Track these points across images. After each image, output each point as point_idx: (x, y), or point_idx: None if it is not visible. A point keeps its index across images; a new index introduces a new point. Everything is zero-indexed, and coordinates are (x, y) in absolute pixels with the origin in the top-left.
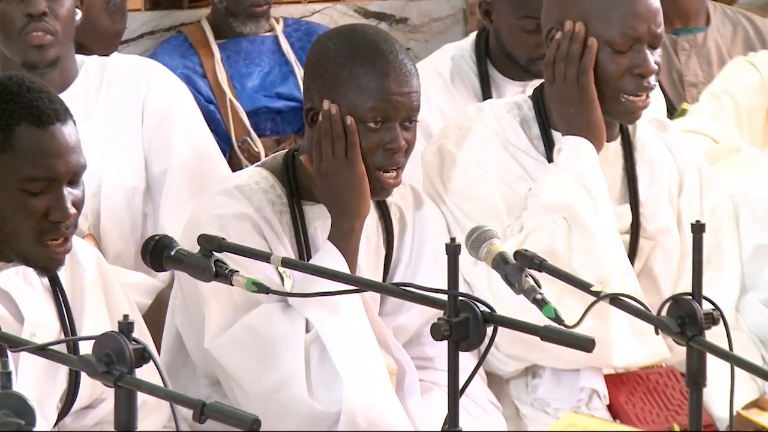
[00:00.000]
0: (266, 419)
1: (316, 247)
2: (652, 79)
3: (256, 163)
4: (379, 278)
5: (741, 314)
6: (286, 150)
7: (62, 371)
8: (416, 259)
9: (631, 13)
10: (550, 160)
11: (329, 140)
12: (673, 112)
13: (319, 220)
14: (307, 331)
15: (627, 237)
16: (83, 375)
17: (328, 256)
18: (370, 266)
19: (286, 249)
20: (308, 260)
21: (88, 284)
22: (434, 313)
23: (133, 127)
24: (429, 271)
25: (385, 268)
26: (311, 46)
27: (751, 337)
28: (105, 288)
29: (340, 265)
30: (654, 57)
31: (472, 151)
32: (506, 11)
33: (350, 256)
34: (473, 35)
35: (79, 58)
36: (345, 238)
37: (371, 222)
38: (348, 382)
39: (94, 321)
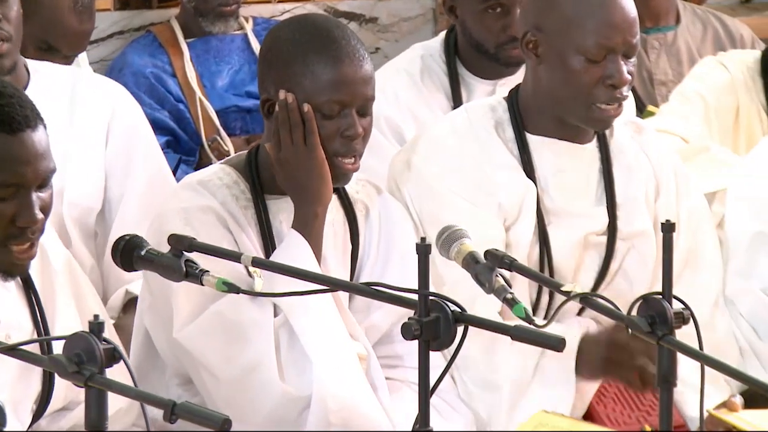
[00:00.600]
0: (238, 404)
1: (281, 241)
2: (625, 90)
3: (219, 162)
4: (346, 274)
5: (735, 302)
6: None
7: (36, 373)
8: (384, 256)
9: (608, 23)
10: (524, 163)
11: (287, 129)
12: (642, 109)
13: (283, 213)
14: (276, 315)
15: (603, 239)
16: (58, 377)
17: (293, 244)
18: (337, 262)
19: (251, 243)
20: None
21: (59, 285)
22: (405, 312)
23: (96, 148)
24: (398, 270)
25: (353, 264)
26: (264, 38)
27: (727, 338)
28: (75, 289)
29: (305, 252)
30: (628, 66)
31: (442, 171)
32: (469, 1)
33: (315, 242)
34: (442, 34)
35: (31, 64)
36: (309, 225)
37: (337, 218)
38: (318, 365)
39: (66, 322)
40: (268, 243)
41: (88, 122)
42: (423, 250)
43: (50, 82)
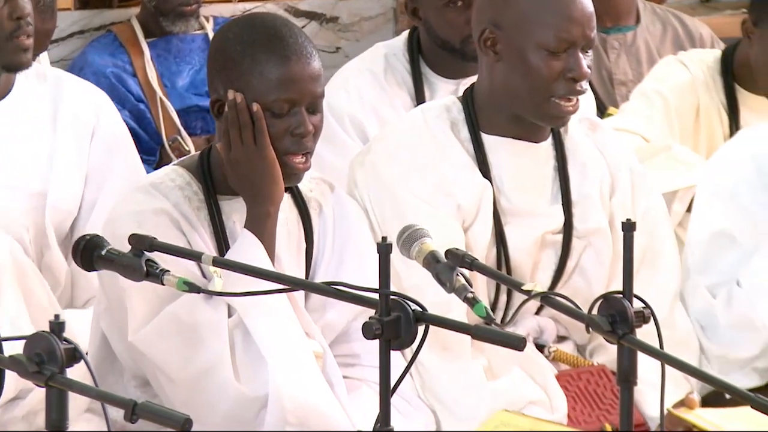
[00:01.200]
0: (194, 406)
1: (234, 241)
2: (584, 83)
3: (172, 162)
4: (301, 273)
5: (686, 299)
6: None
7: None
8: (339, 254)
9: (567, 16)
10: (480, 163)
11: (237, 129)
12: (602, 110)
13: (236, 214)
14: (230, 316)
15: (560, 237)
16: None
17: (246, 244)
18: (291, 261)
19: (205, 244)
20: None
21: (5, 279)
22: (361, 310)
23: (80, 153)
24: (354, 268)
25: (307, 263)
26: (212, 38)
27: (687, 335)
28: (23, 284)
29: (258, 252)
30: (586, 60)
31: (400, 172)
32: None
33: (268, 241)
34: (405, 34)
35: None
36: (261, 224)
37: (291, 217)
38: (273, 365)
39: (10, 316)
40: (222, 244)
41: (72, 127)
42: (384, 249)
43: (35, 85)
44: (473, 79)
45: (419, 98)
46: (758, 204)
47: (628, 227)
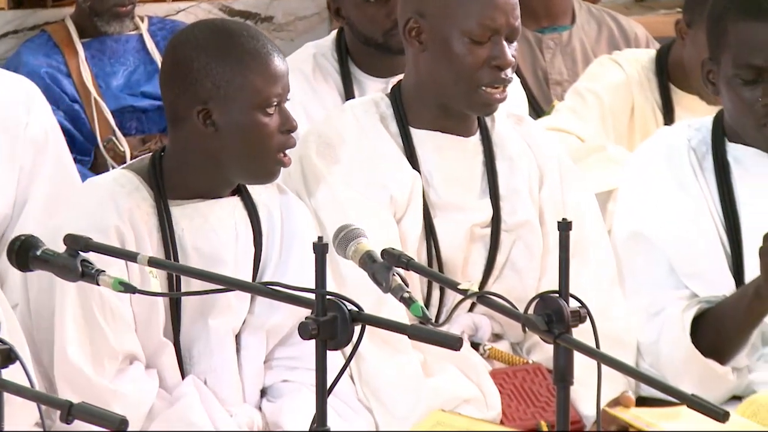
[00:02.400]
0: None
1: (183, 248)
2: (509, 72)
3: (121, 166)
4: (248, 276)
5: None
6: (153, 152)
7: None
8: (285, 257)
9: (490, 4)
10: (409, 156)
11: None
12: (538, 110)
13: (186, 220)
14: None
15: (488, 231)
16: None
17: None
18: (239, 266)
19: (153, 251)
20: (175, 261)
21: None
22: (306, 313)
23: (10, 151)
24: (298, 270)
25: (255, 267)
26: (173, 50)
27: (622, 329)
28: None
29: None
30: (510, 50)
31: (334, 164)
32: None
33: None
34: (334, 33)
35: None
36: None
37: (240, 220)
38: None
39: None
40: (170, 251)
41: (3, 121)
42: (320, 249)
43: None
44: (401, 76)
45: (348, 97)
46: (672, 204)
47: (564, 227)
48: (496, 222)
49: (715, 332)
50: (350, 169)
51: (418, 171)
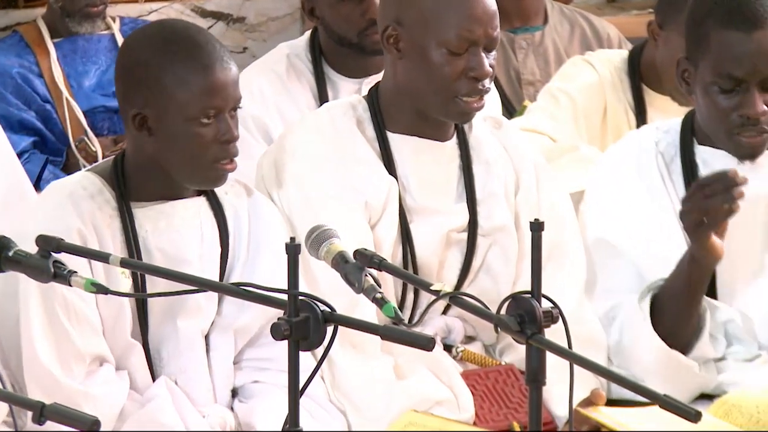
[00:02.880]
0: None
1: (147, 250)
2: (487, 82)
3: (85, 168)
4: (214, 277)
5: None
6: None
7: None
8: (254, 257)
9: (469, 16)
10: (385, 160)
11: None
12: (510, 110)
13: (149, 222)
14: None
15: (465, 235)
16: None
17: None
18: (205, 267)
19: (116, 254)
20: None
21: None
22: (275, 313)
23: None
24: (266, 270)
25: (222, 268)
26: (123, 51)
27: (594, 331)
28: None
29: None
30: (489, 60)
31: (308, 169)
32: None
33: None
34: (308, 34)
35: None
36: None
37: (206, 221)
38: None
39: None
40: (133, 253)
41: None
42: (292, 250)
43: None
44: (376, 77)
45: (322, 98)
46: (638, 209)
47: (536, 227)
48: (472, 226)
49: (668, 314)
50: (325, 174)
51: (395, 176)
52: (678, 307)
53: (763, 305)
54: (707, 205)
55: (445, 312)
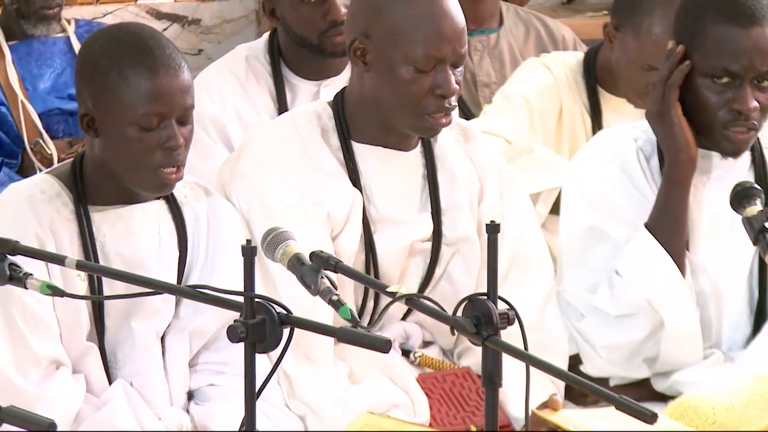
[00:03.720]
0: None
1: (105, 254)
2: (453, 99)
3: (44, 171)
4: (173, 280)
5: (563, 298)
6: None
7: None
8: (212, 259)
9: (437, 33)
10: (350, 171)
11: None
12: (466, 112)
13: (107, 225)
14: None
15: (429, 245)
16: None
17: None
18: (163, 270)
19: (74, 257)
20: None
21: None
22: (231, 316)
23: None
24: (225, 273)
25: (180, 271)
26: (79, 51)
27: (556, 339)
28: None
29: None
30: (456, 76)
31: (271, 179)
32: None
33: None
34: (266, 36)
35: None
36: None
37: (164, 225)
38: None
39: None
40: (90, 257)
41: None
42: (248, 252)
43: None
44: (334, 80)
45: (281, 100)
46: (627, 200)
47: (492, 229)
48: (437, 236)
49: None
50: (287, 184)
51: (359, 186)
52: (664, 240)
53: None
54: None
55: (404, 318)
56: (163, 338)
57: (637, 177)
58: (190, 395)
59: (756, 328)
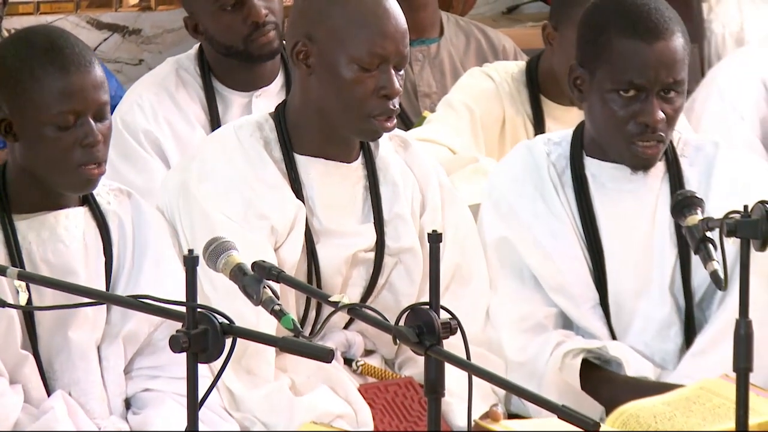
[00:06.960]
0: None
1: (32, 262)
2: (396, 101)
3: None
4: (101, 287)
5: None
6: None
7: None
8: (138, 263)
9: (381, 32)
10: (292, 183)
11: None
12: (407, 122)
13: (32, 233)
14: None
15: (372, 255)
16: None
17: None
18: (91, 277)
19: None
20: None
21: None
22: (161, 320)
23: None
24: (152, 277)
25: (108, 276)
26: None
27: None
28: None
29: None
30: (398, 79)
31: (213, 192)
32: (203, 5)
33: None
34: (195, 48)
35: None
36: None
37: (89, 231)
38: None
39: None
40: (17, 265)
41: None
42: (191, 262)
43: None
44: (265, 89)
45: (212, 113)
46: (534, 214)
47: (434, 239)
48: (379, 247)
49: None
50: (229, 197)
51: (302, 198)
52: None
53: (650, 321)
54: None
55: (346, 327)
56: (98, 347)
57: (548, 193)
58: (127, 403)
59: (688, 339)
